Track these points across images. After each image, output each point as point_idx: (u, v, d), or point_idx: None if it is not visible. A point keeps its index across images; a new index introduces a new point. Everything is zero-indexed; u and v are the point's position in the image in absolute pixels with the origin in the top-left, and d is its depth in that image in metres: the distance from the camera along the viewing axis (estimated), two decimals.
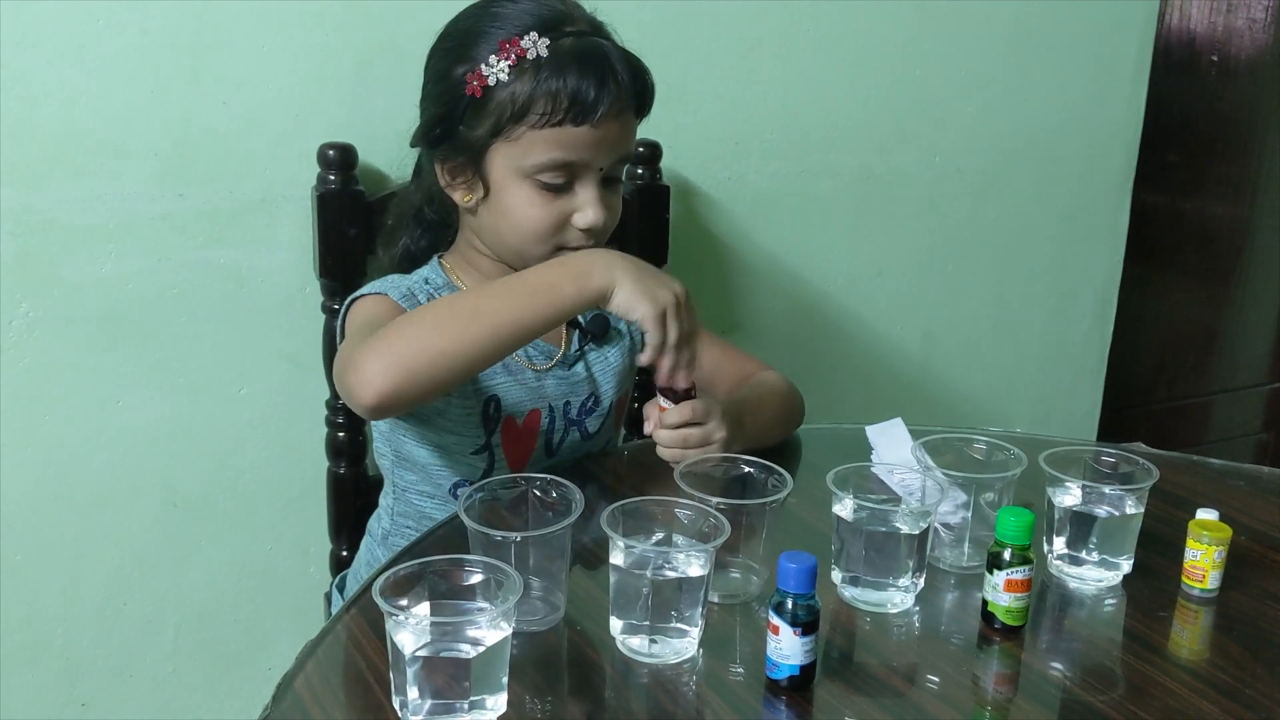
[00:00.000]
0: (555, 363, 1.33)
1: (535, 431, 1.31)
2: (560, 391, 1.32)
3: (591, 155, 1.21)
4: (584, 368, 1.35)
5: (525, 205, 1.23)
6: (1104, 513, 1.07)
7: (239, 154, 1.48)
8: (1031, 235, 2.11)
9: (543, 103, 1.18)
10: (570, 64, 1.18)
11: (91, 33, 1.38)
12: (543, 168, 1.20)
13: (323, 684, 0.91)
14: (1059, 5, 2.01)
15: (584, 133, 1.19)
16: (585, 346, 1.36)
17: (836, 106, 1.87)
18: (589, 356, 1.36)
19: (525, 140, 1.20)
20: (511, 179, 1.22)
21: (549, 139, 1.19)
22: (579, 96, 1.17)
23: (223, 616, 1.63)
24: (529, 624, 0.98)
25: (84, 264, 1.44)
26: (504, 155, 1.22)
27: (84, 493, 1.51)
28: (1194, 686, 0.94)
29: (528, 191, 1.22)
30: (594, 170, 1.23)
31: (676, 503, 0.99)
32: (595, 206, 1.23)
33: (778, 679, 0.92)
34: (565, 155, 1.20)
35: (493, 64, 1.19)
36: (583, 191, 1.23)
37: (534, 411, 1.31)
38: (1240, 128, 2.64)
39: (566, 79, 1.17)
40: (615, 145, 1.23)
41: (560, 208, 1.23)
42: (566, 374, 1.33)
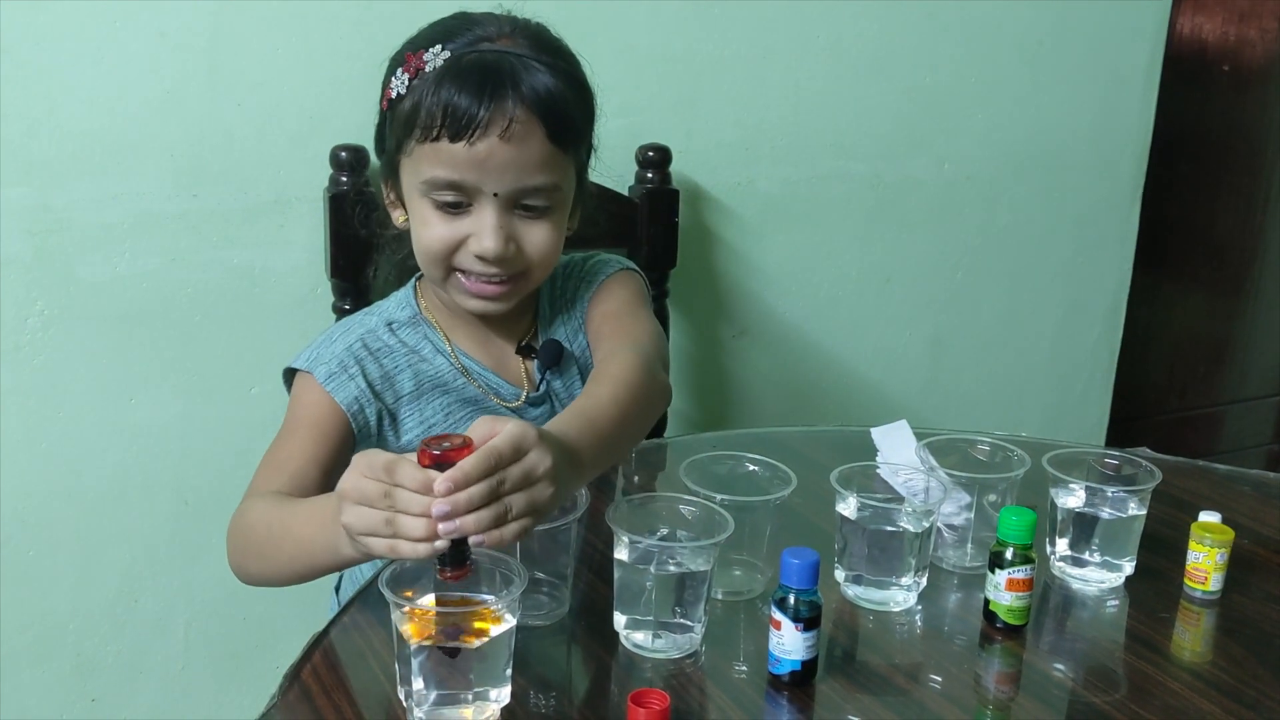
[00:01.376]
0: (524, 402, 1.27)
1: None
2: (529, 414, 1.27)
3: (478, 177, 1.11)
4: (548, 408, 1.28)
5: (421, 224, 1.16)
6: (1107, 514, 1.07)
7: (253, 155, 1.50)
8: (1041, 243, 2.12)
9: (424, 114, 1.11)
10: (456, 76, 1.10)
11: (109, 34, 1.40)
12: (430, 185, 1.13)
13: (329, 674, 0.92)
14: (1070, 14, 2.01)
15: (461, 151, 1.10)
16: (549, 378, 1.28)
17: (847, 113, 1.88)
18: (553, 387, 1.29)
19: (416, 155, 1.14)
20: (414, 197, 1.16)
21: (431, 155, 1.12)
22: (456, 111, 1.09)
23: (233, 614, 1.65)
24: (534, 618, 0.99)
25: (99, 263, 1.46)
26: (406, 172, 1.17)
27: (96, 490, 1.53)
28: (1195, 687, 0.94)
29: (426, 210, 1.15)
30: (487, 194, 1.13)
31: (680, 499, 1.00)
32: (490, 233, 1.13)
33: (779, 674, 0.93)
34: (447, 174, 1.12)
35: (398, 76, 1.14)
36: (477, 215, 1.14)
37: None
38: (1252, 138, 2.64)
39: (446, 91, 1.09)
40: (509, 171, 1.11)
41: (456, 229, 1.15)
42: (537, 412, 1.28)
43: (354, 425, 1.18)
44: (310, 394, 1.20)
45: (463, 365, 1.25)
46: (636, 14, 1.68)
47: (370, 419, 1.20)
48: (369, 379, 1.20)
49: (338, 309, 1.53)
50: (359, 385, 1.19)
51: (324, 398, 1.18)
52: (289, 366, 1.24)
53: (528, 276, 1.20)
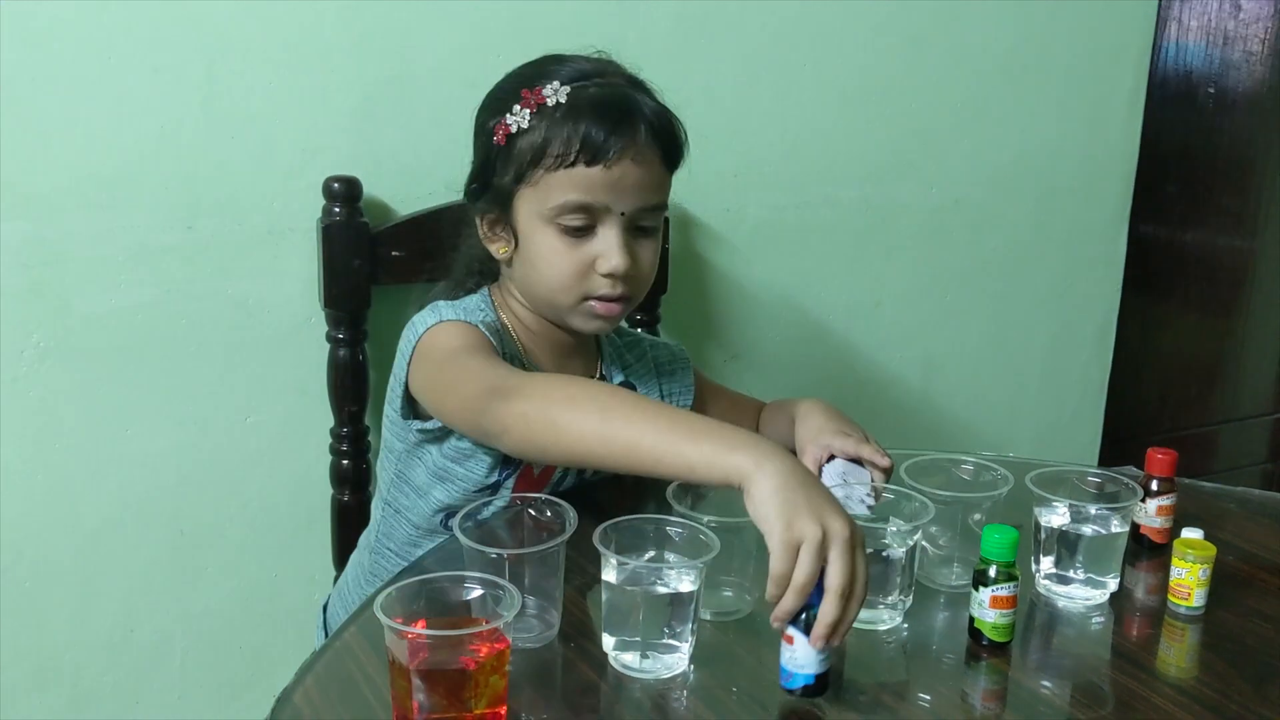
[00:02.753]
0: None
1: (548, 480, 1.33)
2: None
3: (608, 198, 1.21)
4: None
5: (549, 252, 1.23)
6: (1090, 532, 1.09)
7: (246, 187, 1.52)
8: (1030, 266, 2.14)
9: (557, 144, 1.19)
10: (586, 108, 1.20)
11: (104, 69, 1.42)
12: (560, 210, 1.21)
13: (322, 697, 0.93)
14: (1053, 38, 2.04)
15: (598, 174, 1.19)
16: None
17: (835, 139, 1.91)
18: None
19: (544, 184, 1.21)
20: (535, 225, 1.24)
21: (564, 180, 1.20)
22: (591, 137, 1.18)
23: (230, 643, 1.65)
24: (524, 641, 1.00)
25: (94, 295, 1.47)
26: (527, 201, 1.24)
27: (93, 520, 1.54)
28: (1178, 701, 0.95)
29: (551, 238, 1.23)
30: (614, 215, 1.22)
31: (668, 520, 1.01)
32: (617, 251, 1.22)
33: (792, 689, 0.94)
34: (580, 197, 1.20)
35: (516, 112, 1.22)
36: (604, 235, 1.23)
37: None
38: (1240, 160, 2.67)
39: (580, 121, 1.19)
40: (635, 191, 1.22)
41: (583, 253, 1.23)
42: None
43: None
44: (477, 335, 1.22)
45: None
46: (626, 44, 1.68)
47: None
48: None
49: (331, 338, 1.55)
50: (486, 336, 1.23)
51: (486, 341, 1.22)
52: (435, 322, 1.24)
53: (637, 294, 1.28)
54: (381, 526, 1.38)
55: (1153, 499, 1.18)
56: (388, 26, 1.54)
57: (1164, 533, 1.17)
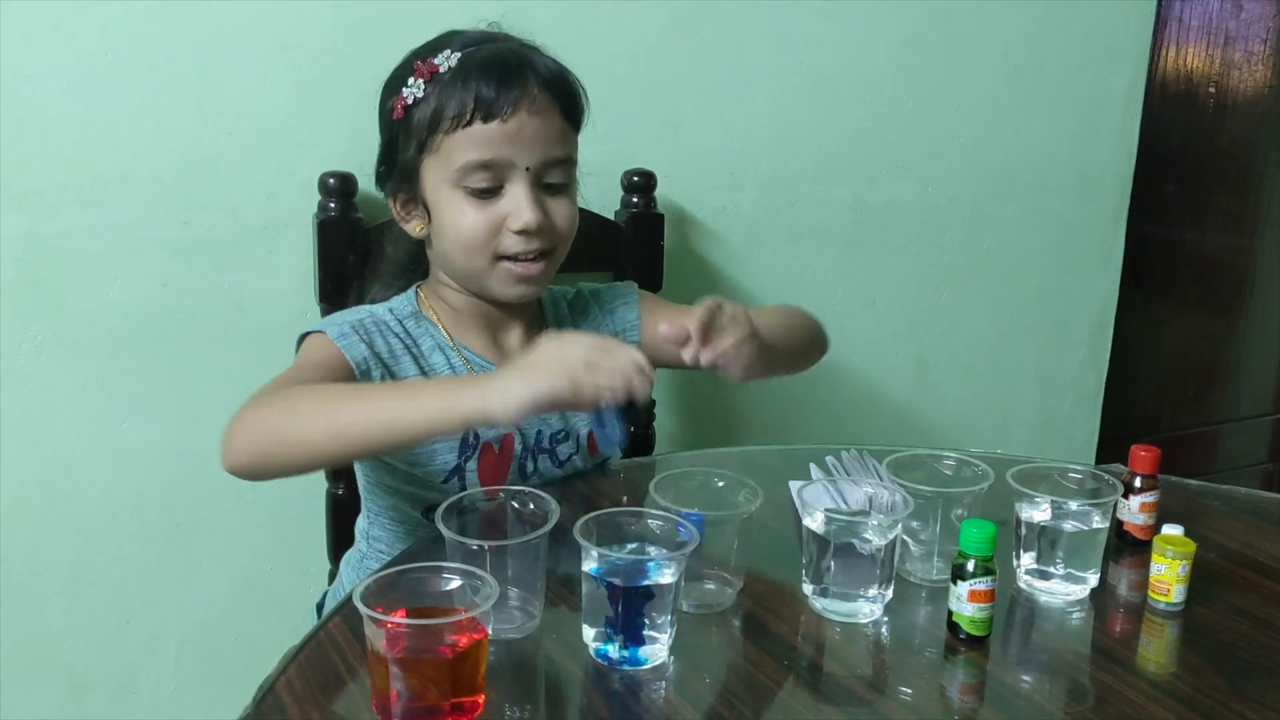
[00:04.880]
0: None
1: (509, 455, 1.32)
2: (531, 420, 1.32)
3: (511, 152, 1.21)
4: None
5: (458, 215, 1.23)
6: (1071, 527, 1.09)
7: (242, 182, 1.53)
8: (1025, 265, 2.14)
9: (452, 105, 1.20)
10: (477, 67, 1.21)
11: (100, 65, 1.44)
12: (464, 171, 1.21)
13: (304, 686, 0.94)
14: (1050, 38, 2.04)
15: (495, 129, 1.20)
16: None
17: (830, 138, 1.91)
18: None
19: (444, 148, 1.22)
20: (443, 192, 1.24)
21: (464, 140, 1.20)
22: (483, 93, 1.19)
23: (224, 635, 1.67)
24: (506, 632, 1.01)
25: (90, 289, 1.49)
26: (431, 170, 1.24)
27: (88, 512, 1.56)
28: (1153, 696, 0.96)
29: (459, 201, 1.23)
30: (520, 170, 1.22)
31: (648, 513, 1.02)
32: (527, 207, 1.22)
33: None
34: (481, 154, 1.20)
35: (410, 85, 1.23)
36: (512, 192, 1.23)
37: (508, 436, 1.32)
38: (1240, 160, 2.67)
39: (472, 80, 1.20)
40: (536, 143, 1.22)
41: (493, 212, 1.23)
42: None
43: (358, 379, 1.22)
44: (321, 348, 1.24)
45: (464, 357, 1.31)
46: (621, 41, 1.71)
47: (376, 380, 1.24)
48: (375, 349, 1.25)
49: None
50: (366, 349, 1.24)
51: (335, 352, 1.23)
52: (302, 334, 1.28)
53: (555, 252, 1.28)
54: (370, 530, 1.40)
55: (1136, 495, 1.18)
56: (382, 22, 1.55)
57: (1147, 529, 1.18)
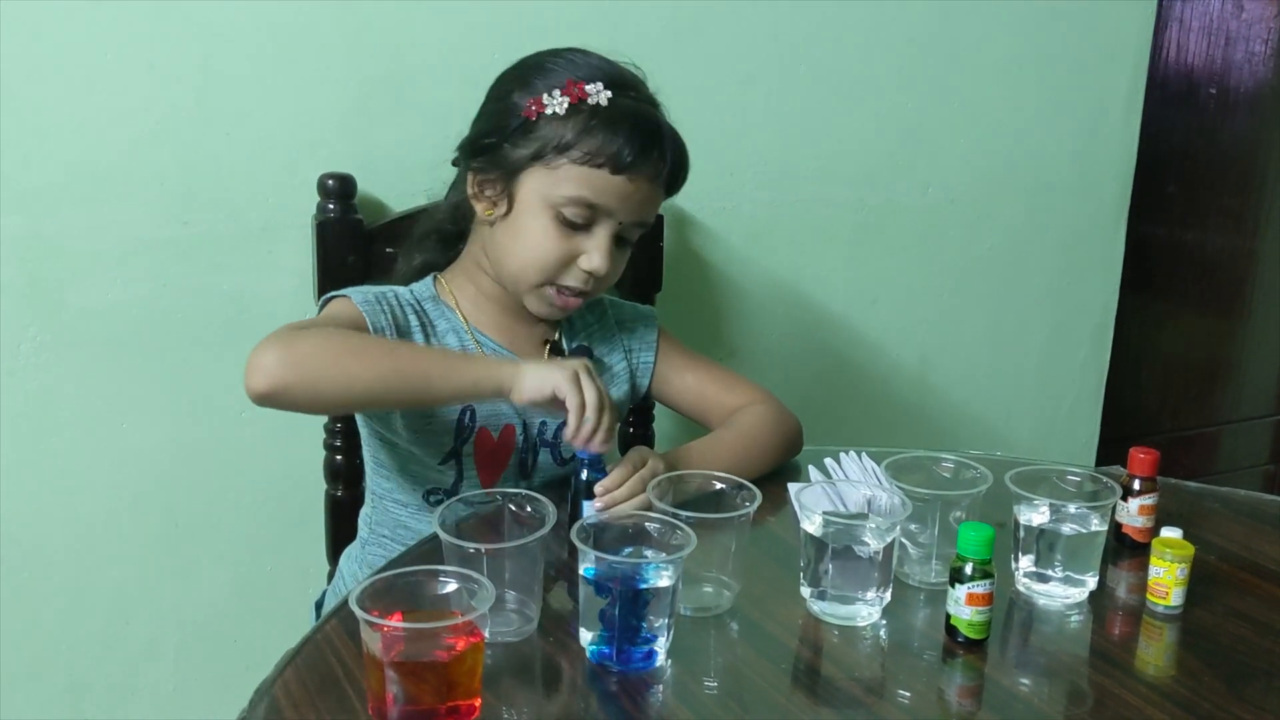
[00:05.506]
0: None
1: (510, 448, 1.34)
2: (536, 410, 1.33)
3: (616, 205, 1.27)
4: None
5: (540, 233, 1.28)
6: (1069, 530, 1.09)
7: (242, 183, 1.53)
8: (1026, 265, 2.14)
9: (590, 142, 1.24)
10: (625, 119, 1.25)
11: (100, 66, 1.44)
12: (569, 202, 1.26)
13: (300, 689, 0.94)
14: (1051, 38, 2.04)
15: (618, 182, 1.25)
16: None
17: (830, 138, 1.91)
18: None
19: (562, 172, 1.26)
20: (537, 204, 1.28)
21: (583, 177, 1.25)
22: (623, 150, 1.24)
23: (224, 635, 1.67)
24: (503, 635, 1.01)
25: (90, 289, 1.49)
26: (537, 180, 1.27)
27: (88, 512, 1.56)
28: (1151, 699, 0.96)
29: (547, 221, 1.27)
30: (614, 221, 1.28)
31: (646, 516, 1.02)
32: (603, 254, 1.28)
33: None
34: (593, 196, 1.26)
35: (554, 96, 1.26)
36: (597, 235, 1.28)
37: (508, 427, 1.34)
38: (1241, 160, 2.66)
39: (617, 130, 1.24)
40: (639, 207, 1.29)
41: (571, 246, 1.28)
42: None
43: None
44: (345, 309, 1.28)
45: (477, 341, 1.35)
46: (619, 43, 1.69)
47: None
48: (395, 320, 1.29)
49: None
50: (386, 319, 1.28)
51: (358, 315, 1.27)
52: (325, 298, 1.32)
53: (596, 292, 1.35)
54: (374, 516, 1.41)
55: (1135, 498, 1.18)
56: (383, 23, 1.55)
57: (1146, 532, 1.18)
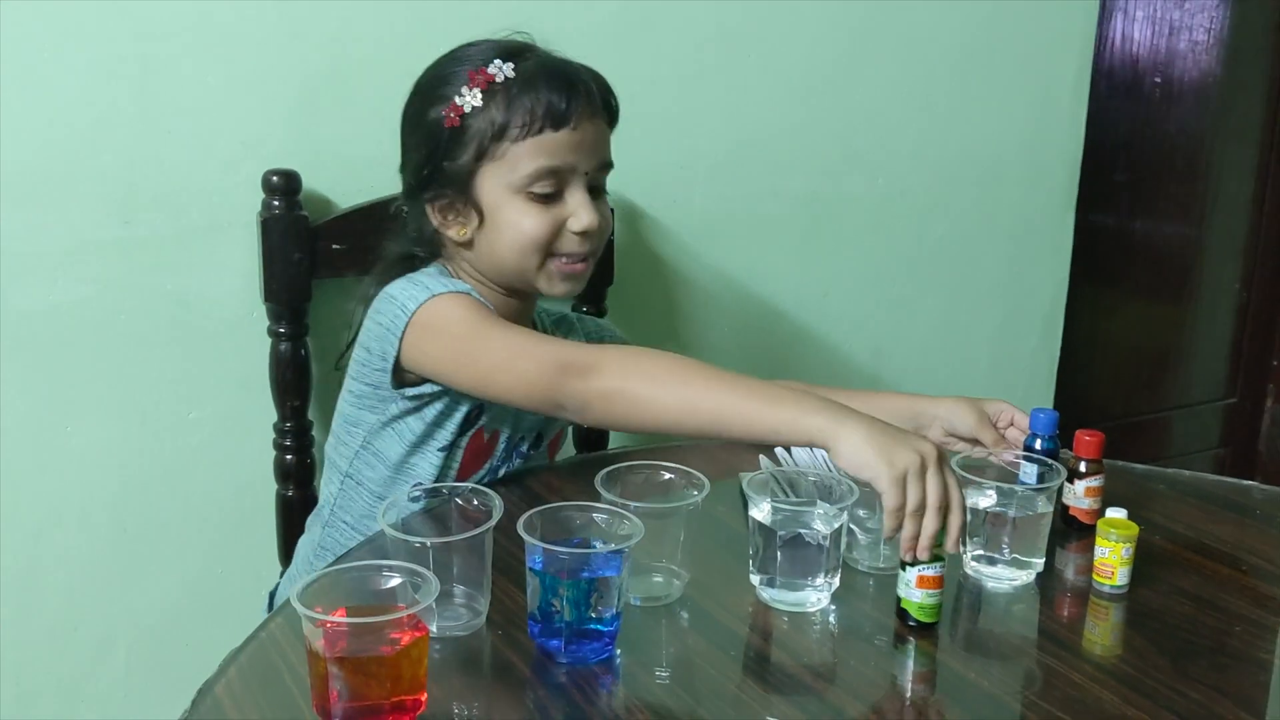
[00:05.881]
0: None
1: (493, 450, 1.35)
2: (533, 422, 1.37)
3: (575, 159, 1.27)
4: None
5: (520, 217, 1.28)
6: (1016, 513, 1.10)
7: (184, 181, 1.51)
8: (977, 254, 2.15)
9: (520, 115, 1.25)
10: (538, 77, 1.26)
11: (37, 63, 1.41)
12: (532, 178, 1.26)
13: (243, 688, 0.93)
14: (997, 29, 2.05)
15: (564, 137, 1.26)
16: None
17: (781, 130, 1.91)
18: None
19: (510, 155, 1.26)
20: (504, 197, 1.28)
21: (532, 149, 1.25)
22: (553, 104, 1.25)
23: (174, 639, 1.65)
24: (451, 629, 1.00)
25: (31, 290, 1.46)
26: (492, 176, 1.27)
27: (34, 516, 1.53)
28: (1096, 678, 0.97)
29: (521, 204, 1.27)
30: (580, 175, 1.29)
31: (593, 507, 1.02)
32: (588, 209, 1.28)
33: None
34: (550, 161, 1.26)
35: (465, 94, 1.26)
36: (573, 197, 1.29)
37: (497, 433, 1.34)
38: (1187, 148, 2.70)
39: (538, 91, 1.25)
40: (595, 149, 1.30)
41: (554, 215, 1.28)
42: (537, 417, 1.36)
43: None
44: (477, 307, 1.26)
45: None
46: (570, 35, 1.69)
47: None
48: None
49: (273, 333, 1.54)
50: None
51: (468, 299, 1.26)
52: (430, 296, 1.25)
53: (597, 253, 1.35)
54: (339, 500, 1.39)
55: (1081, 480, 1.19)
56: (326, 18, 1.54)
57: (1093, 514, 1.18)
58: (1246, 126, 2.78)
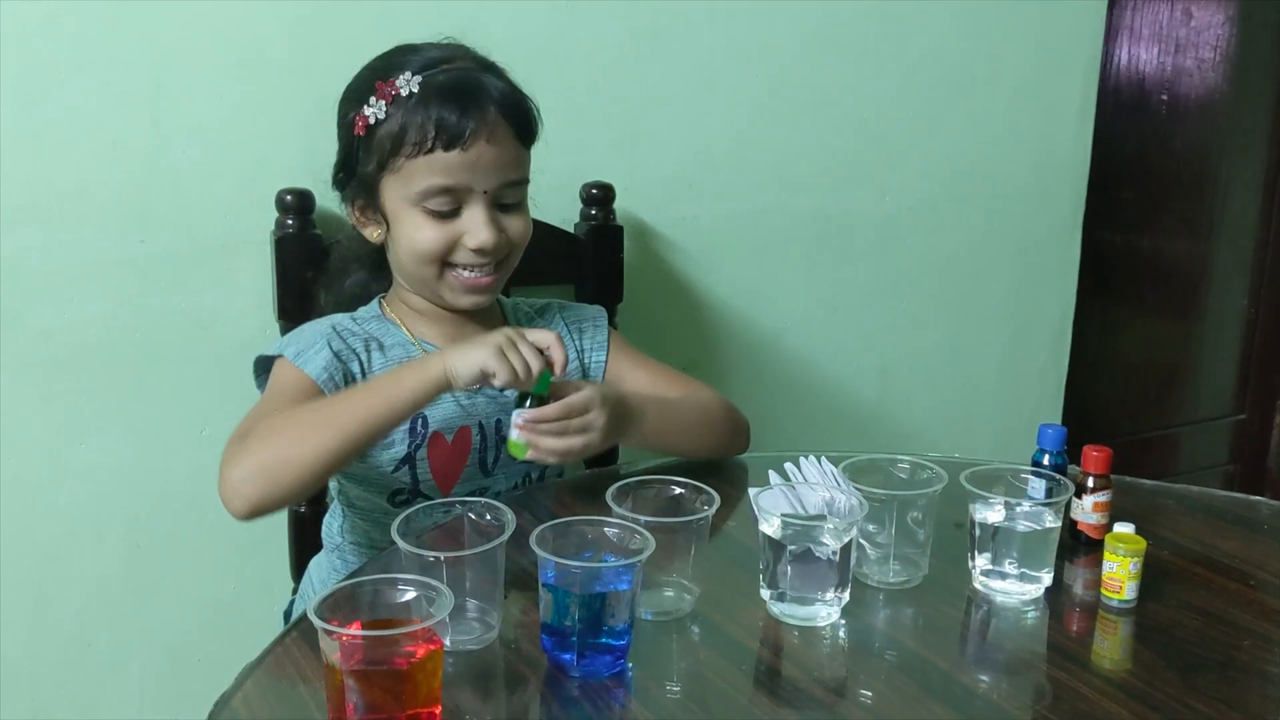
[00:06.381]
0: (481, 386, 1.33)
1: (467, 449, 1.35)
2: (491, 410, 1.36)
3: (470, 179, 1.27)
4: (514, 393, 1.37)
5: (415, 231, 1.29)
6: (1024, 527, 1.10)
7: (199, 200, 1.53)
8: (984, 272, 2.16)
9: (414, 132, 1.25)
10: (435, 95, 1.25)
11: (55, 83, 1.43)
12: (425, 194, 1.27)
13: (260, 701, 0.94)
14: (1004, 48, 2.07)
15: (455, 157, 1.25)
16: None
17: (788, 148, 1.93)
18: None
19: (405, 170, 1.27)
20: (402, 208, 1.29)
21: (425, 166, 1.26)
22: (444, 123, 1.24)
23: (188, 656, 1.66)
24: (465, 643, 1.01)
25: (47, 308, 1.48)
26: (392, 187, 1.29)
27: (48, 534, 1.54)
28: (1105, 691, 0.97)
29: (418, 217, 1.29)
30: (478, 194, 1.28)
31: (605, 521, 1.03)
32: (483, 228, 1.28)
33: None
34: (443, 180, 1.26)
35: (372, 104, 1.28)
36: (469, 214, 1.29)
37: (464, 429, 1.35)
38: (1194, 166, 2.70)
39: (432, 108, 1.25)
40: (494, 169, 1.28)
41: (450, 230, 1.29)
42: (496, 394, 1.35)
43: (326, 392, 1.27)
44: (283, 372, 1.30)
45: (423, 349, 1.35)
46: (578, 54, 1.72)
47: (340, 384, 1.29)
48: (335, 351, 1.30)
49: None
50: (326, 356, 1.29)
51: (296, 373, 1.28)
52: (260, 356, 1.34)
53: (509, 262, 1.35)
54: (344, 524, 1.41)
55: (1089, 495, 1.20)
56: (338, 39, 1.56)
57: (1101, 529, 1.19)
58: (1253, 143, 2.78)
